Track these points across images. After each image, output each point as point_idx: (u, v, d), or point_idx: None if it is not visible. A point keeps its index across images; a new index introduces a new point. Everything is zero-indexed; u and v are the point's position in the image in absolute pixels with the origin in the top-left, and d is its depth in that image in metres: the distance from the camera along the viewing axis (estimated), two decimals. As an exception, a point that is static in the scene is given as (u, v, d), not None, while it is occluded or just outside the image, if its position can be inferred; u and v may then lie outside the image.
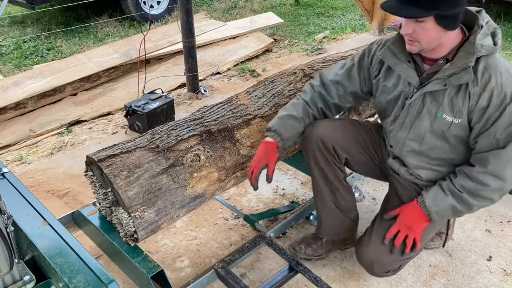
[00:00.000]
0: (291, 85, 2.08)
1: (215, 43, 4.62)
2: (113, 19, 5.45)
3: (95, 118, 3.41)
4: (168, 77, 3.91)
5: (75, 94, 3.76)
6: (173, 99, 3.20)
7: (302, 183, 2.55)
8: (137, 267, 1.54)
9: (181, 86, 3.84)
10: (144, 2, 5.29)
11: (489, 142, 1.45)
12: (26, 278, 1.35)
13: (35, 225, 1.48)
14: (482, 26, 1.43)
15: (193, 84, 3.63)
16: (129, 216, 1.53)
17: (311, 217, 2.23)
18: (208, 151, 1.72)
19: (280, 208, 2.24)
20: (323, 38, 4.91)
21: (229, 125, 1.84)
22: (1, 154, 2.98)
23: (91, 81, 3.85)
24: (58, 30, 5.19)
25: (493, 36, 1.45)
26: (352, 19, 5.48)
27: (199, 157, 1.70)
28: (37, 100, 3.50)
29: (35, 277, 1.37)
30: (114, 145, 1.68)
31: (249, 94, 2.03)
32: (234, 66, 4.26)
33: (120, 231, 1.62)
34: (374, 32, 4.82)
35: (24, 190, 1.63)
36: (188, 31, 3.34)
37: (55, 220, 1.52)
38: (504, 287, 1.87)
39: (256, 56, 4.49)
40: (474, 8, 1.49)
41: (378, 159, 1.83)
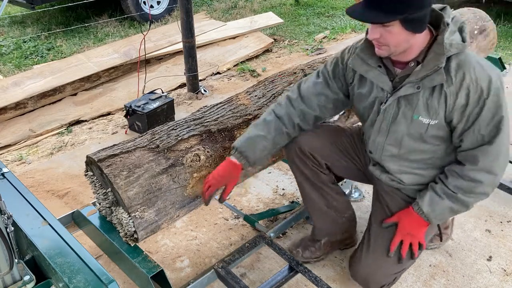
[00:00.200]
0: (291, 85, 2.08)
1: (215, 43, 4.63)
2: (113, 19, 5.45)
3: (95, 118, 3.41)
4: (168, 77, 3.91)
5: (75, 94, 3.76)
6: (173, 99, 3.20)
7: (302, 183, 2.55)
8: (137, 267, 1.54)
9: (181, 86, 3.84)
10: (144, 2, 5.29)
11: (474, 139, 1.44)
12: (26, 278, 1.35)
13: (35, 225, 1.48)
14: (449, 24, 1.41)
15: (193, 84, 3.63)
16: (129, 216, 1.53)
17: (311, 217, 2.24)
18: (208, 151, 1.72)
19: (280, 208, 2.24)
20: (323, 38, 4.91)
21: (229, 125, 1.84)
22: (1, 154, 2.98)
23: (91, 81, 3.85)
24: (58, 30, 5.19)
25: (461, 31, 1.43)
26: (352, 19, 5.47)
27: (199, 157, 1.70)
28: (37, 100, 3.50)
29: (35, 277, 1.37)
30: (114, 145, 1.68)
31: (249, 94, 2.03)
32: (234, 66, 4.26)
33: (120, 231, 1.62)
34: (374, 32, 4.81)
35: (24, 190, 1.63)
36: (188, 31, 3.34)
37: (55, 220, 1.52)
38: (504, 287, 1.87)
39: (256, 56, 4.49)
40: (438, 5, 1.46)
41: (361, 163, 1.81)
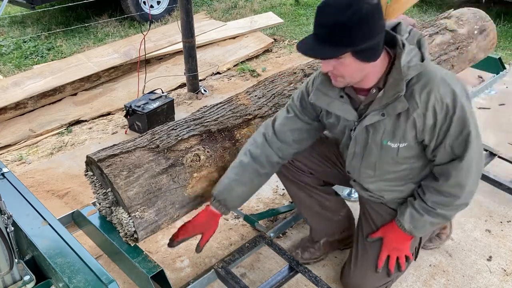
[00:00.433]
0: (291, 85, 2.08)
1: (215, 43, 4.62)
2: (113, 19, 5.44)
3: (95, 118, 3.41)
4: (168, 77, 3.91)
5: (75, 94, 3.75)
6: (173, 99, 3.19)
7: (302, 183, 2.55)
8: (137, 267, 1.55)
9: (181, 86, 3.84)
10: (144, 2, 5.29)
11: (446, 154, 1.44)
12: (26, 278, 1.35)
13: (35, 225, 1.49)
14: (404, 44, 1.36)
15: (193, 84, 3.63)
16: (129, 216, 1.53)
17: (311, 217, 2.24)
18: (208, 151, 1.72)
19: (280, 208, 2.24)
20: (323, 38, 4.90)
21: (229, 125, 1.84)
22: (1, 154, 2.98)
23: (91, 81, 3.85)
24: (58, 30, 5.19)
25: (420, 46, 1.39)
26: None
27: (199, 157, 1.70)
28: (37, 100, 3.50)
29: (35, 277, 1.37)
30: (114, 145, 1.68)
31: (249, 94, 2.03)
32: (234, 66, 4.26)
33: (120, 231, 1.62)
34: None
35: (24, 190, 1.64)
36: (188, 31, 3.34)
37: (55, 220, 1.52)
38: (504, 287, 1.87)
39: (256, 56, 4.49)
40: (392, 23, 1.42)
41: (344, 169, 1.78)
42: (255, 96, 2.01)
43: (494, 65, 3.27)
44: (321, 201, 1.85)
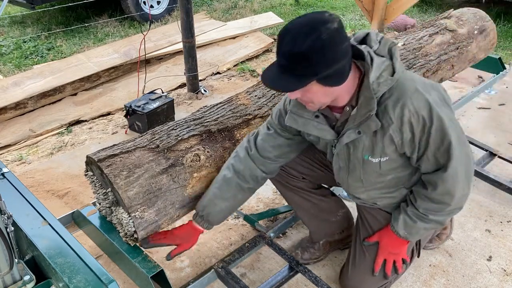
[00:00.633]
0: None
1: (215, 43, 4.62)
2: (113, 19, 5.44)
3: (95, 118, 3.41)
4: (168, 77, 3.91)
5: (75, 94, 3.75)
6: (173, 99, 3.20)
7: (302, 183, 2.55)
8: (137, 267, 1.55)
9: (181, 86, 3.84)
10: (144, 2, 5.29)
11: (430, 164, 1.41)
12: (26, 278, 1.35)
13: (35, 225, 1.49)
14: (373, 59, 1.30)
15: (193, 84, 3.63)
16: (129, 216, 1.53)
17: (311, 217, 2.24)
18: (208, 151, 1.72)
19: (280, 208, 2.24)
20: (323, 38, 4.91)
21: (229, 125, 1.84)
22: (1, 154, 2.98)
23: (91, 81, 3.85)
24: (58, 30, 5.19)
25: (391, 56, 1.34)
26: (352, 19, 5.48)
27: (199, 157, 1.70)
28: (37, 100, 3.50)
29: (35, 277, 1.37)
30: (114, 145, 1.68)
31: (249, 94, 2.03)
32: (234, 66, 4.26)
33: (120, 231, 1.62)
34: (374, 32, 4.81)
35: (24, 190, 1.64)
36: (188, 31, 3.34)
37: (55, 220, 1.52)
38: (504, 287, 1.87)
39: (256, 56, 4.49)
40: (361, 34, 1.38)
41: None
42: (255, 96, 2.01)
43: (494, 65, 3.27)
44: (318, 203, 1.84)
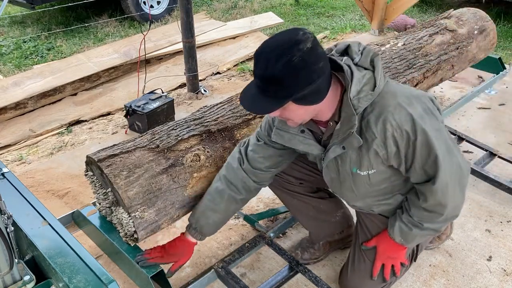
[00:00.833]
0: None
1: (215, 43, 4.62)
2: (113, 19, 5.45)
3: (95, 118, 3.40)
4: (168, 77, 3.91)
5: (75, 94, 3.75)
6: (173, 99, 3.19)
7: (302, 183, 2.55)
8: (137, 267, 1.55)
9: (181, 86, 3.84)
10: (144, 2, 5.29)
11: (418, 176, 1.39)
12: (26, 278, 1.35)
13: (35, 225, 1.49)
14: (353, 73, 1.27)
15: (193, 84, 3.63)
16: (129, 216, 1.53)
17: (311, 217, 2.23)
18: (208, 151, 1.72)
19: (280, 208, 2.24)
20: (323, 38, 4.91)
21: (229, 125, 1.84)
22: (1, 154, 2.98)
23: (91, 81, 3.85)
24: (58, 30, 5.19)
25: (373, 66, 1.31)
26: (352, 19, 5.48)
27: (199, 157, 1.70)
28: (37, 100, 3.50)
29: (35, 277, 1.37)
30: (114, 145, 1.69)
31: (249, 94, 2.03)
32: (234, 66, 4.25)
33: (120, 231, 1.62)
34: (374, 32, 4.82)
35: (24, 190, 1.64)
36: (188, 31, 3.34)
37: (55, 220, 1.52)
38: (504, 287, 1.87)
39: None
40: (341, 45, 1.35)
41: None
42: (255, 96, 2.01)
43: (494, 65, 3.27)
44: (316, 205, 1.83)
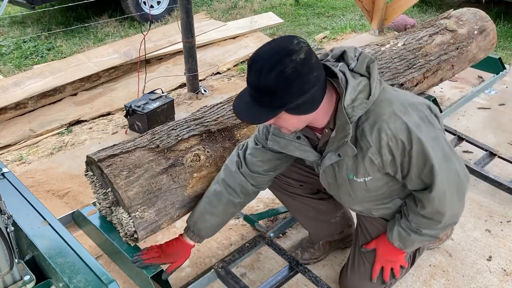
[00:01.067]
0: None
1: (215, 43, 4.62)
2: (113, 19, 5.45)
3: (95, 118, 3.41)
4: (168, 77, 3.91)
5: (75, 94, 3.75)
6: (173, 99, 3.19)
7: (302, 183, 2.55)
8: (137, 267, 1.55)
9: (181, 86, 3.84)
10: (144, 2, 5.29)
11: (415, 184, 1.38)
12: (26, 278, 1.35)
13: (35, 225, 1.49)
14: (348, 81, 1.25)
15: (193, 84, 3.63)
16: (129, 216, 1.53)
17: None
18: (208, 151, 1.72)
19: (280, 208, 2.24)
20: (323, 38, 4.91)
21: (229, 125, 1.84)
22: (1, 154, 2.98)
23: (91, 81, 3.85)
24: (58, 30, 5.19)
25: (369, 72, 1.28)
26: (352, 19, 5.48)
27: (199, 157, 1.70)
28: (37, 100, 3.50)
29: (35, 277, 1.37)
30: (114, 145, 1.69)
31: (249, 94, 2.03)
32: (234, 66, 4.26)
33: (120, 231, 1.62)
34: (374, 32, 4.82)
35: (24, 190, 1.64)
36: (188, 31, 3.34)
37: (55, 220, 1.52)
38: (504, 287, 1.87)
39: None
40: (336, 51, 1.33)
41: None
42: (255, 96, 2.01)
43: (494, 65, 3.27)
44: (316, 206, 1.83)
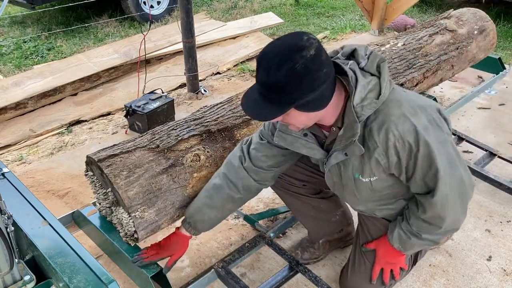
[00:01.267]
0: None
1: (215, 43, 4.62)
2: (113, 19, 5.45)
3: (95, 118, 3.41)
4: (168, 77, 3.91)
5: (75, 94, 3.75)
6: (173, 99, 3.19)
7: (302, 183, 2.55)
8: (137, 267, 1.55)
9: (181, 86, 3.84)
10: (144, 2, 5.29)
11: (418, 187, 1.38)
12: (26, 278, 1.35)
13: (35, 225, 1.49)
14: (358, 80, 1.24)
15: (193, 84, 3.63)
16: (129, 216, 1.53)
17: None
18: (208, 151, 1.73)
19: (280, 208, 2.24)
20: (323, 38, 4.91)
21: (229, 125, 1.84)
22: (1, 154, 2.98)
23: (91, 81, 3.85)
24: (58, 30, 5.19)
25: (379, 71, 1.27)
26: (352, 19, 5.48)
27: (199, 157, 1.70)
28: (37, 100, 3.50)
29: (35, 277, 1.37)
30: (114, 145, 1.69)
31: (249, 94, 2.03)
32: (234, 66, 4.26)
33: (120, 231, 1.62)
34: (374, 32, 4.82)
35: (24, 190, 1.64)
36: (188, 31, 3.34)
37: (55, 220, 1.53)
38: (504, 287, 1.87)
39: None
40: (347, 49, 1.32)
41: None
42: (255, 96, 2.01)
43: (494, 65, 3.27)
44: (316, 205, 1.83)
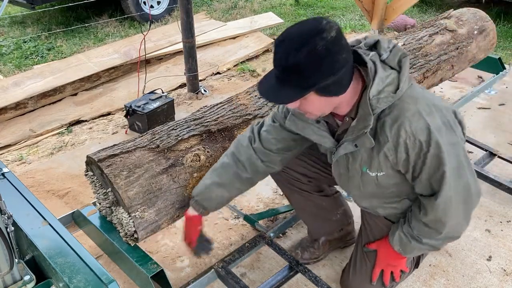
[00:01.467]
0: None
1: (215, 43, 4.62)
2: (113, 19, 5.45)
3: (95, 118, 3.41)
4: (168, 77, 3.91)
5: (75, 94, 3.76)
6: (173, 99, 3.20)
7: (302, 183, 2.55)
8: (137, 267, 1.55)
9: (181, 86, 3.84)
10: (144, 2, 5.29)
11: (424, 187, 1.37)
12: (26, 278, 1.35)
13: (35, 225, 1.49)
14: (377, 72, 1.23)
15: (193, 84, 3.63)
16: (129, 216, 1.53)
17: (311, 217, 2.24)
18: (208, 151, 1.73)
19: (280, 208, 2.24)
20: (323, 38, 4.91)
21: (229, 125, 1.84)
22: (1, 154, 2.98)
23: (91, 81, 3.85)
24: (58, 30, 5.19)
25: (400, 66, 1.27)
26: (352, 19, 5.48)
27: (199, 157, 1.70)
28: (37, 100, 3.50)
29: (35, 277, 1.37)
30: (114, 145, 1.69)
31: (249, 94, 2.03)
32: (234, 66, 4.26)
33: (120, 231, 1.62)
34: (374, 32, 4.81)
35: (24, 190, 1.64)
36: (188, 31, 3.34)
37: (55, 220, 1.53)
38: (504, 287, 1.87)
39: (256, 56, 4.49)
40: (370, 39, 1.31)
41: None
42: (255, 96, 2.02)
43: (494, 65, 3.27)
44: (317, 202, 1.84)
